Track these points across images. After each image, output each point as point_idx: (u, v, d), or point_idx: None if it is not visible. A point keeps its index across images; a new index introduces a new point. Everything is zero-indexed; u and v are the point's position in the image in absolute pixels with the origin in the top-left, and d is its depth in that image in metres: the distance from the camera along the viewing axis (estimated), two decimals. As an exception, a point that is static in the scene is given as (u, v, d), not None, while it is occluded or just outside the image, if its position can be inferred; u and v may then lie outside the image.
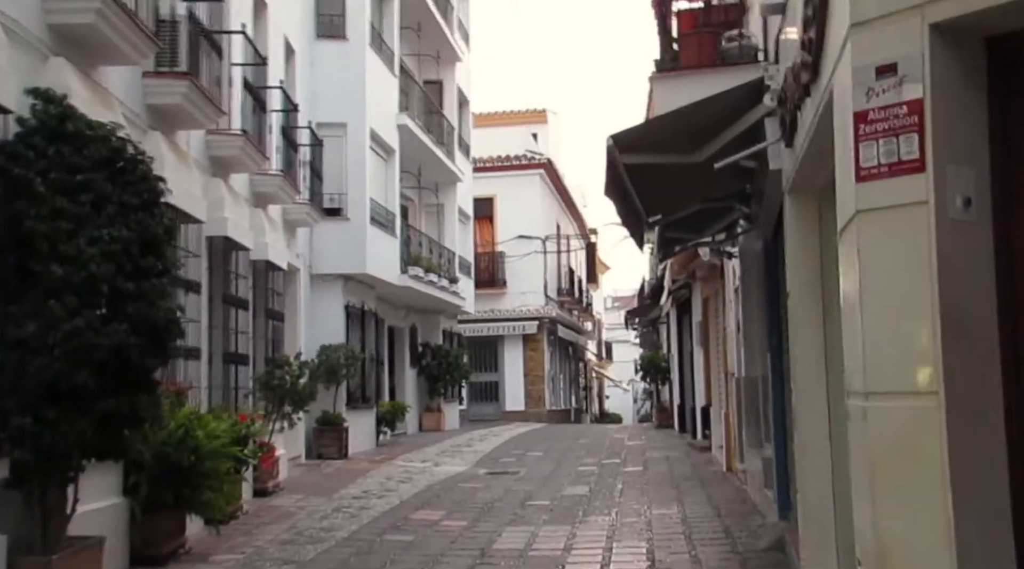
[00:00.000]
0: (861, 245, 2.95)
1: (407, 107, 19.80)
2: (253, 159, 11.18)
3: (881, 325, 2.88)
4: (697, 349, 18.50)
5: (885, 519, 2.83)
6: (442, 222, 24.31)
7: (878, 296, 2.90)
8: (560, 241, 34.50)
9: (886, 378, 2.85)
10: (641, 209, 8.13)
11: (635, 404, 57.54)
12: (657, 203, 8.36)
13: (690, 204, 8.41)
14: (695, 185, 8.18)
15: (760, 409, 11.73)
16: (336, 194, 16.79)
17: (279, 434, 12.03)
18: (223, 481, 7.87)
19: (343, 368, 16.17)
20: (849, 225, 3.09)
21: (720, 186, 8.52)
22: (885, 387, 2.85)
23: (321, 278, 16.65)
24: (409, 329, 23.20)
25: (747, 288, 11.81)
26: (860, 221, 2.94)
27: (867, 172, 2.93)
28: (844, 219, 3.17)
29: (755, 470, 10.79)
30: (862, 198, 2.94)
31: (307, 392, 11.95)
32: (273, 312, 12.98)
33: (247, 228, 11.49)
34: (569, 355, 38.33)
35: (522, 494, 11.64)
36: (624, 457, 16.33)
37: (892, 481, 2.83)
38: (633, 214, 7.93)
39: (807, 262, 5.36)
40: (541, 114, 37.55)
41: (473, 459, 16.21)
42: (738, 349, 12.46)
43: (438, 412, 23.87)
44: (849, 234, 3.10)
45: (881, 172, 2.89)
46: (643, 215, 8.47)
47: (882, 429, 2.85)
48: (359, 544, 8.40)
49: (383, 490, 11.94)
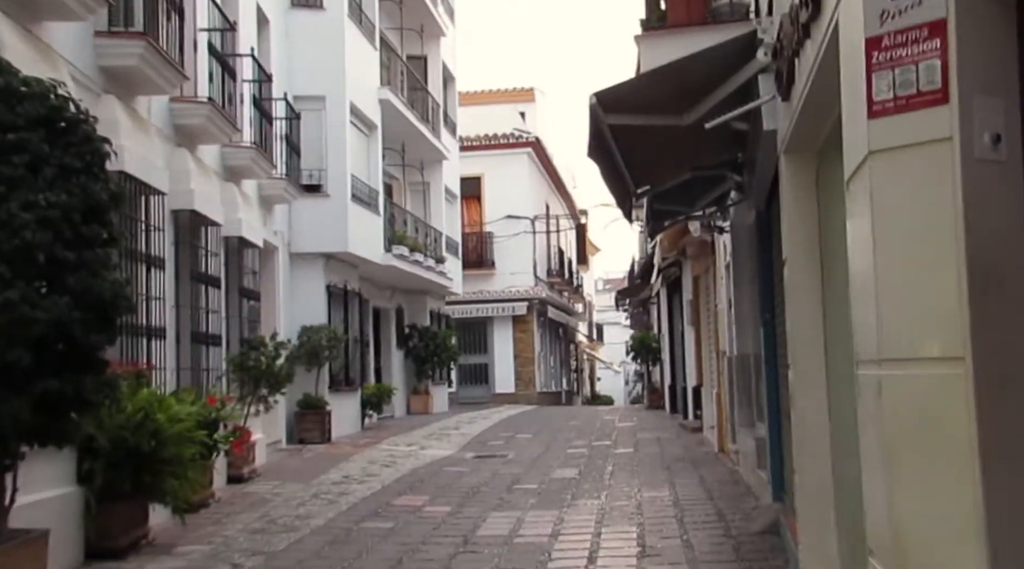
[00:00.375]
0: (874, 191, 2.53)
1: (389, 82, 19.28)
2: (222, 129, 10.71)
3: (898, 282, 2.46)
4: (688, 328, 18.12)
5: (903, 503, 2.43)
6: (428, 201, 23.83)
7: (894, 249, 2.48)
8: (549, 222, 34.05)
9: (904, 343, 2.44)
10: (628, 177, 7.71)
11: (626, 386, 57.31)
12: (645, 172, 7.94)
13: (680, 173, 7.98)
14: (685, 152, 7.76)
15: (752, 388, 11.35)
16: (316, 170, 16.30)
17: (255, 418, 11.61)
18: (188, 467, 7.44)
19: (325, 350, 15.75)
20: (860, 170, 2.67)
21: (711, 153, 8.10)
22: (902, 353, 2.44)
23: (301, 257, 16.18)
24: (395, 310, 22.77)
25: (738, 263, 11.42)
26: (873, 164, 2.52)
27: (881, 107, 2.51)
28: (854, 164, 2.75)
29: (748, 450, 10.42)
30: (875, 137, 2.52)
31: (284, 374, 11.52)
32: (248, 291, 12.53)
33: (217, 202, 11.02)
34: (559, 337, 37.96)
35: (509, 478, 11.26)
36: (615, 439, 15.97)
37: (911, 460, 2.42)
38: (620, 182, 7.51)
39: (805, 226, 4.95)
40: (529, 93, 37.00)
41: (460, 442, 15.83)
42: (730, 327, 12.07)
43: (426, 395, 23.47)
44: (860, 180, 2.68)
45: (898, 106, 2.47)
46: (630, 184, 8.05)
47: (899, 401, 2.43)
48: (335, 532, 8.00)
49: (365, 475, 11.54)
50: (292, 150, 15.02)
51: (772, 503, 8.25)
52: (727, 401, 12.36)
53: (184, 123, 10.05)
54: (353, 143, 17.29)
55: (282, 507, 9.21)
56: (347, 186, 16.60)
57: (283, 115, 14.48)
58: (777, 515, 7.58)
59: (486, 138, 30.84)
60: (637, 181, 8.08)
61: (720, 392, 13.17)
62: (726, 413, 12.63)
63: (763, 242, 8.51)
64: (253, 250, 12.79)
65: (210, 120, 10.25)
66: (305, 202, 15.96)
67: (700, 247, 14.98)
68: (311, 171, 16.26)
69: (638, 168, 7.44)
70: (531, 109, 36.04)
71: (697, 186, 9.63)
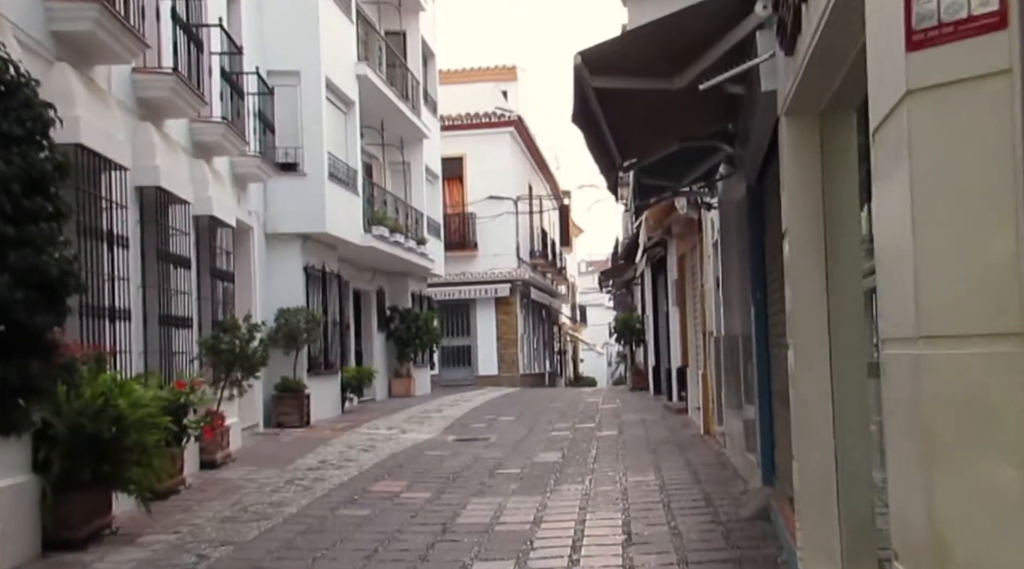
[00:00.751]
0: (913, 139, 2.16)
1: (367, 57, 18.79)
2: (189, 103, 10.25)
3: (941, 247, 2.11)
4: (673, 309, 17.82)
5: (945, 503, 2.08)
6: (408, 181, 23.37)
7: (937, 208, 2.12)
8: (532, 202, 33.65)
9: (948, 318, 2.09)
10: (613, 147, 7.34)
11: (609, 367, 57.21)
12: (632, 144, 7.57)
13: (668, 144, 7.61)
14: (674, 121, 7.39)
15: (740, 369, 11.05)
16: (291, 148, 15.84)
17: (229, 402, 11.20)
18: (152, 455, 7.05)
19: (303, 333, 15.36)
20: (892, 115, 2.31)
21: (701, 122, 7.74)
22: (947, 329, 2.08)
23: (277, 237, 15.75)
24: (376, 292, 22.37)
25: (727, 241, 11.09)
26: (912, 104, 2.16)
27: (923, 36, 2.13)
28: (884, 109, 2.38)
29: (735, 433, 10.13)
30: (915, 73, 2.15)
31: (258, 357, 11.12)
32: (221, 272, 12.09)
33: (186, 180, 10.58)
34: (543, 318, 37.66)
35: (491, 462, 10.93)
36: (598, 421, 15.67)
37: (956, 453, 2.08)
38: (605, 154, 7.13)
39: (807, 195, 4.59)
40: (511, 71, 36.50)
41: (442, 425, 15.49)
42: (717, 307, 11.76)
43: (408, 378, 23.12)
44: (892, 127, 2.32)
45: (943, 34, 2.10)
46: (616, 157, 7.68)
47: (942, 384, 2.08)
48: (309, 520, 7.64)
49: (342, 460, 11.18)
50: (266, 127, 14.56)
51: (762, 487, 7.95)
52: (713, 382, 12.07)
53: (148, 95, 9.60)
54: (330, 120, 16.83)
55: (255, 494, 8.84)
56: (324, 164, 16.15)
57: (255, 90, 14.00)
58: (768, 500, 7.27)
59: (467, 117, 30.37)
60: (623, 153, 7.71)
61: (706, 373, 12.88)
62: (712, 394, 12.35)
63: (754, 218, 8.18)
64: (226, 230, 12.35)
65: (175, 92, 9.79)
66: (281, 181, 15.51)
67: (686, 225, 14.65)
68: (286, 149, 15.80)
69: (625, 138, 7.06)
70: (513, 88, 35.54)
71: (685, 159, 9.27)
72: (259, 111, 14.18)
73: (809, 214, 4.60)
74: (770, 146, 6.74)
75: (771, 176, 7.45)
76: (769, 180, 7.59)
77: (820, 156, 4.60)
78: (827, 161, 4.58)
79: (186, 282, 10.54)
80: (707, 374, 12.79)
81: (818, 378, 4.53)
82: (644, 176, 8.94)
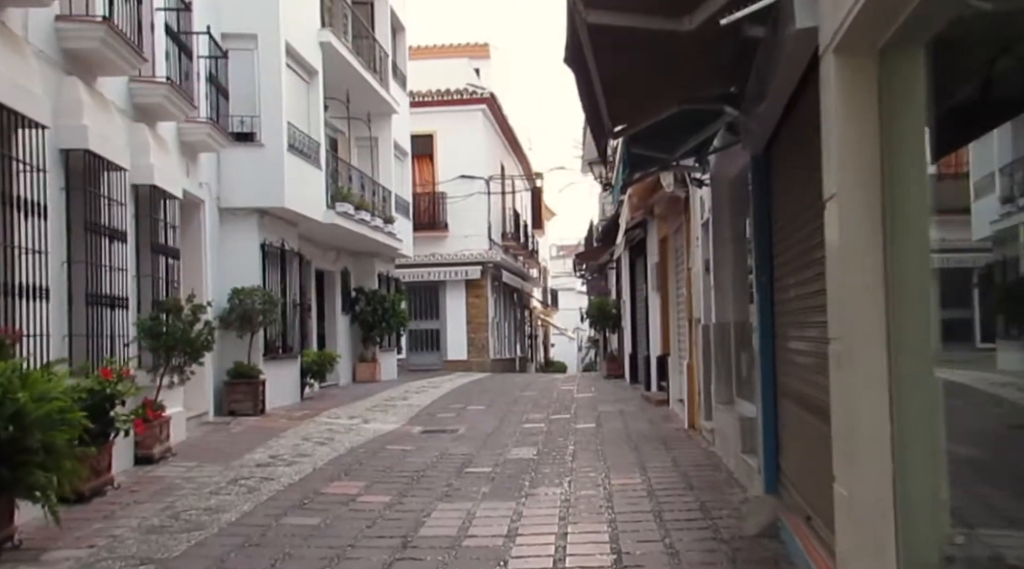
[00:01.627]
0: None
1: (331, 24, 17.65)
2: (125, 58, 9.15)
3: None
4: (653, 294, 16.93)
5: None
6: (376, 157, 22.26)
7: None
8: (504, 183, 32.64)
9: None
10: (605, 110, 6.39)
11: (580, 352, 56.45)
12: (626, 104, 6.61)
13: (666, 106, 6.67)
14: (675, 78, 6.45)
15: (732, 361, 10.18)
16: (248, 117, 14.73)
17: (170, 390, 10.17)
18: (62, 456, 6.03)
19: (259, 314, 14.30)
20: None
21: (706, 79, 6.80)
22: None
23: (232, 212, 14.64)
24: (340, 273, 21.30)
25: (719, 221, 10.19)
26: None
27: None
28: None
29: (727, 430, 9.26)
30: None
31: (202, 341, 10.06)
32: (165, 247, 11.00)
33: (122, 144, 9.51)
34: (514, 302, 36.74)
35: (459, 458, 9.99)
36: (574, 411, 14.77)
37: None
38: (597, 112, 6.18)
39: (861, 153, 3.67)
40: (484, 48, 35.44)
41: (407, 415, 14.53)
42: (706, 292, 10.88)
43: (373, 362, 22.10)
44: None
45: None
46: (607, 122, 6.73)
47: None
48: (248, 531, 6.66)
49: (296, 455, 10.18)
50: (219, 93, 13.44)
51: (765, 496, 7.08)
52: (701, 374, 11.20)
53: (74, 47, 8.50)
54: (290, 88, 15.71)
55: (191, 496, 7.83)
56: (283, 135, 15.05)
57: (207, 53, 12.87)
58: (775, 513, 6.39)
59: (438, 93, 29.27)
60: (615, 116, 6.76)
61: (692, 364, 12.01)
62: (698, 387, 11.48)
63: (760, 192, 7.27)
64: (171, 201, 11.26)
65: (106, 44, 8.69)
66: (236, 152, 14.40)
67: (670, 205, 13.73)
68: (242, 118, 14.69)
69: (619, 98, 6.11)
70: (486, 66, 34.48)
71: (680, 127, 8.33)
72: (211, 75, 13.05)
73: (863, 177, 3.68)
74: (789, 104, 5.82)
75: (783, 143, 6.53)
76: (780, 148, 6.67)
77: (878, 104, 3.67)
78: (887, 110, 3.66)
79: (121, 257, 9.46)
80: (693, 364, 11.91)
81: (871, 382, 3.62)
82: (634, 146, 7.99)
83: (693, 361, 11.95)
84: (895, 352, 3.62)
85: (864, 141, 3.66)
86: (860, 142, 3.67)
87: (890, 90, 3.64)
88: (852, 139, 3.69)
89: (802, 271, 5.83)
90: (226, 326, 14.04)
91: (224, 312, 14.10)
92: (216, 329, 12.01)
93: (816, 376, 5.44)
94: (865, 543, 3.55)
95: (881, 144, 3.65)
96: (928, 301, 3.51)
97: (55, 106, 8.10)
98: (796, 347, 6.47)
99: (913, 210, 3.55)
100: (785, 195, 6.54)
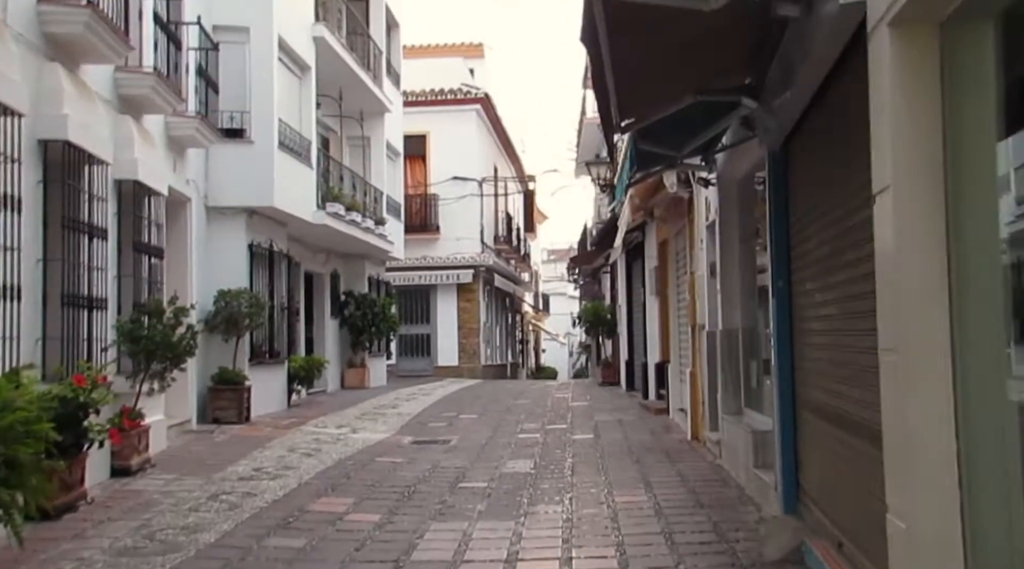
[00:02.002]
0: None
1: (325, 19, 17.18)
2: (110, 45, 8.68)
3: None
4: (651, 299, 16.50)
5: None
6: (368, 157, 21.79)
7: None
8: (498, 185, 32.19)
9: None
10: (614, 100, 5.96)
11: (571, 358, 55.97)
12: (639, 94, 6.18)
13: (680, 97, 6.24)
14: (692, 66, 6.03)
15: (741, 369, 9.76)
16: (238, 112, 14.25)
17: (150, 397, 9.68)
18: (28, 471, 5.54)
19: (245, 317, 13.80)
20: None
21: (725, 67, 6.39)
22: None
23: (220, 211, 14.16)
24: (330, 275, 20.82)
25: (727, 222, 9.79)
26: None
27: None
28: None
29: (736, 443, 8.83)
30: None
31: (184, 345, 9.58)
32: (148, 247, 10.52)
33: (104, 136, 9.04)
34: (506, 307, 36.27)
35: (453, 472, 9.53)
36: (570, 421, 14.32)
37: None
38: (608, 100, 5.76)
39: (920, 138, 3.24)
40: (478, 48, 35.01)
41: (398, 423, 14.06)
42: (712, 297, 10.46)
43: (362, 368, 21.61)
44: None
45: None
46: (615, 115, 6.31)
47: None
48: (228, 554, 6.18)
49: (281, 467, 9.70)
50: (209, 87, 12.96)
51: (783, 516, 6.65)
52: (705, 383, 10.76)
53: (56, 32, 8.03)
54: (282, 84, 15.23)
55: (169, 513, 7.34)
56: (274, 132, 14.57)
57: (196, 45, 12.40)
58: (798, 535, 5.96)
59: (432, 93, 28.82)
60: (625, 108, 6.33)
61: (695, 371, 11.58)
62: (703, 396, 11.04)
63: (777, 190, 6.85)
64: (156, 198, 10.78)
65: (90, 29, 8.22)
66: (225, 148, 13.93)
67: (672, 207, 13.32)
68: (232, 113, 14.22)
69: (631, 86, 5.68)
70: (480, 66, 34.07)
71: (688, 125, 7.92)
72: (200, 68, 12.58)
73: (922, 166, 3.25)
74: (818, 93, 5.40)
75: (807, 136, 6.10)
76: (802, 141, 6.24)
77: (940, 83, 3.24)
78: (950, 90, 3.23)
79: (101, 256, 8.98)
80: (696, 373, 11.48)
81: (933, 397, 3.19)
82: (641, 141, 7.55)
83: (696, 369, 11.52)
84: (961, 363, 3.19)
85: (923, 126, 3.24)
86: (919, 127, 3.25)
87: (953, 68, 3.22)
88: (909, 124, 3.26)
89: (831, 274, 5.41)
90: (211, 330, 13.56)
91: (209, 315, 13.61)
92: (200, 333, 11.54)
93: (850, 388, 5.02)
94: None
95: (944, 129, 3.22)
96: (998, 304, 3.08)
97: (34, 93, 7.63)
98: (821, 356, 6.05)
99: (981, 202, 3.12)
100: (808, 192, 6.12)
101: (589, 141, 26.70)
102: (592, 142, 26.12)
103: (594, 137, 26.03)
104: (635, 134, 7.23)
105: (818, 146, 5.69)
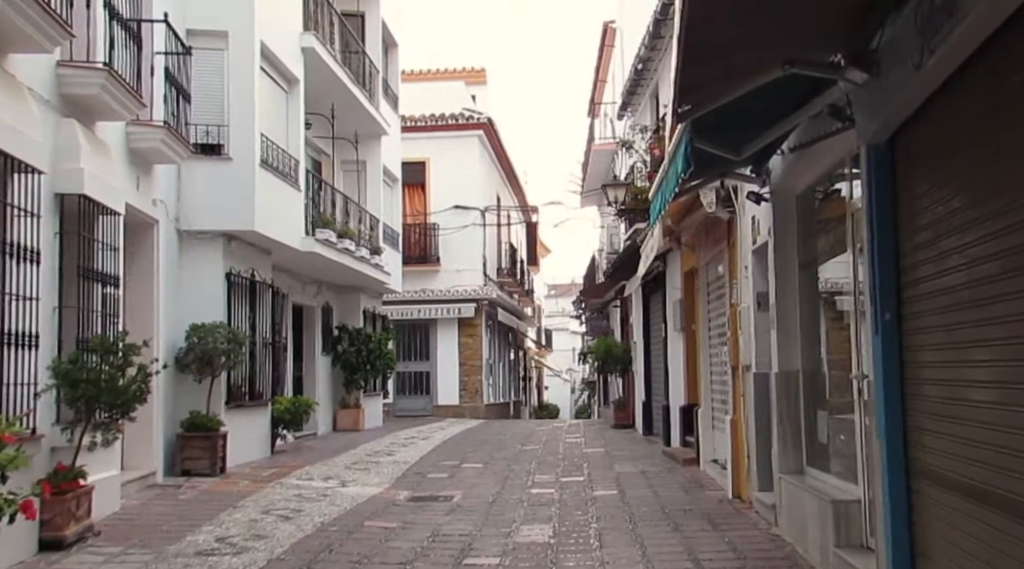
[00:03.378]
0: None
1: (315, 28, 15.77)
2: (46, 33, 7.22)
3: None
4: (674, 335, 14.93)
5: None
6: (363, 183, 20.31)
7: None
8: (500, 215, 30.72)
9: None
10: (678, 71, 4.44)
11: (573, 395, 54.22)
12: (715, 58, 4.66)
13: (767, 67, 4.74)
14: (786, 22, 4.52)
15: (802, 418, 8.19)
16: (214, 126, 12.77)
17: (92, 452, 8.07)
18: None
19: (221, 355, 12.21)
20: None
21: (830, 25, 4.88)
22: None
23: (193, 236, 12.62)
24: (321, 308, 19.27)
25: (783, 244, 8.25)
26: None
27: None
28: None
29: (803, 512, 7.22)
30: None
31: (134, 391, 7.97)
32: (100, 274, 8.96)
33: (38, 141, 7.53)
34: (509, 343, 34.67)
35: (456, 542, 7.91)
36: (588, 473, 12.67)
37: None
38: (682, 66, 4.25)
39: None
40: (480, 74, 33.75)
41: (393, 474, 12.43)
42: (759, 334, 8.91)
43: (356, 408, 19.99)
44: None
45: None
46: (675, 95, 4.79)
47: None
48: None
49: (250, 536, 8.06)
50: (180, 95, 11.48)
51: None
52: (752, 433, 9.17)
53: None
54: (265, 96, 13.78)
55: (96, 610, 5.73)
56: (255, 148, 13.07)
57: (163, 47, 10.94)
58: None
59: (432, 118, 27.45)
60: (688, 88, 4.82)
61: (738, 420, 9.98)
62: (748, 449, 9.44)
63: (882, 198, 5.30)
64: (111, 218, 9.25)
65: (17, 10, 6.75)
66: (200, 165, 12.45)
67: (704, 230, 11.79)
68: (209, 127, 12.75)
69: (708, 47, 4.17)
70: (482, 92, 32.79)
71: (751, 120, 6.43)
72: (168, 72, 11.10)
73: None
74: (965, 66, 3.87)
75: (937, 122, 4.58)
76: (928, 131, 4.71)
77: None
78: None
79: (31, 284, 7.42)
80: (739, 421, 9.88)
81: None
82: (697, 138, 6.02)
83: (739, 416, 9.93)
84: None
85: None
86: None
87: None
88: None
89: (980, 308, 3.87)
90: (182, 369, 11.98)
91: (180, 352, 12.03)
92: (162, 373, 9.98)
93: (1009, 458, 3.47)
94: None
95: None
96: None
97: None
98: (953, 413, 4.50)
99: None
100: (939, 198, 4.58)
101: (597, 170, 25.31)
102: (600, 171, 24.72)
103: (602, 165, 24.64)
104: (691, 127, 5.70)
105: (959, 135, 4.16)
